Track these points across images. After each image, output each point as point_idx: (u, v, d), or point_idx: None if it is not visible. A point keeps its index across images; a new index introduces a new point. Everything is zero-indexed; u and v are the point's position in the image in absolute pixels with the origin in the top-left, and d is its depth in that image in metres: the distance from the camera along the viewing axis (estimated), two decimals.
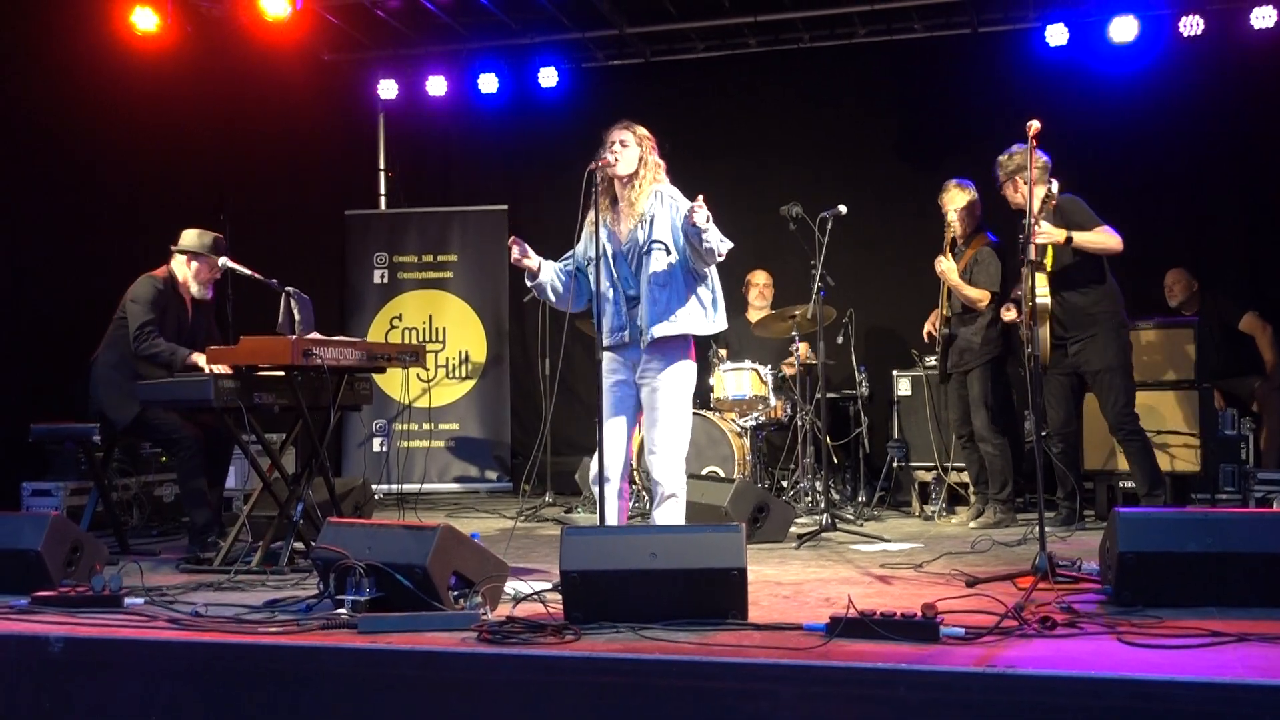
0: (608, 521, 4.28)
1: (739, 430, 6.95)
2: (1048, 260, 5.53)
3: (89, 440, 5.55)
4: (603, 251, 4.33)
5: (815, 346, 6.44)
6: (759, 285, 7.82)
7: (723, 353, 7.45)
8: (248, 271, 5.41)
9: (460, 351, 9.11)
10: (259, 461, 5.22)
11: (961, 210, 6.28)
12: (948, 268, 6.18)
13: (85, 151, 6.88)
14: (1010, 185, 5.81)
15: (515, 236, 4.43)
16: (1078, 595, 3.76)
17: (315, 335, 4.94)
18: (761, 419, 7.08)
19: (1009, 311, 5.88)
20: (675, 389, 4.37)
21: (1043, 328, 5.35)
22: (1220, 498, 6.38)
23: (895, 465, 7.18)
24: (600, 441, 4.27)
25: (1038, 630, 3.17)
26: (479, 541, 3.74)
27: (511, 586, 3.91)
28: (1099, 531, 4.95)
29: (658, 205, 4.38)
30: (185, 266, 5.55)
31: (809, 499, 6.78)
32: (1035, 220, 5.06)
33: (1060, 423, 5.95)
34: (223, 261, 5.48)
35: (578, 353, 8.01)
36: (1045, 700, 2.64)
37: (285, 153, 8.41)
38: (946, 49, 8.38)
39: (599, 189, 4.33)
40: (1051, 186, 5.21)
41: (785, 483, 7.26)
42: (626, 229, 4.41)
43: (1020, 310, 5.59)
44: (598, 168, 4.31)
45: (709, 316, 4.44)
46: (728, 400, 7.10)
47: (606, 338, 4.42)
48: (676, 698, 2.88)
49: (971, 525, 6.24)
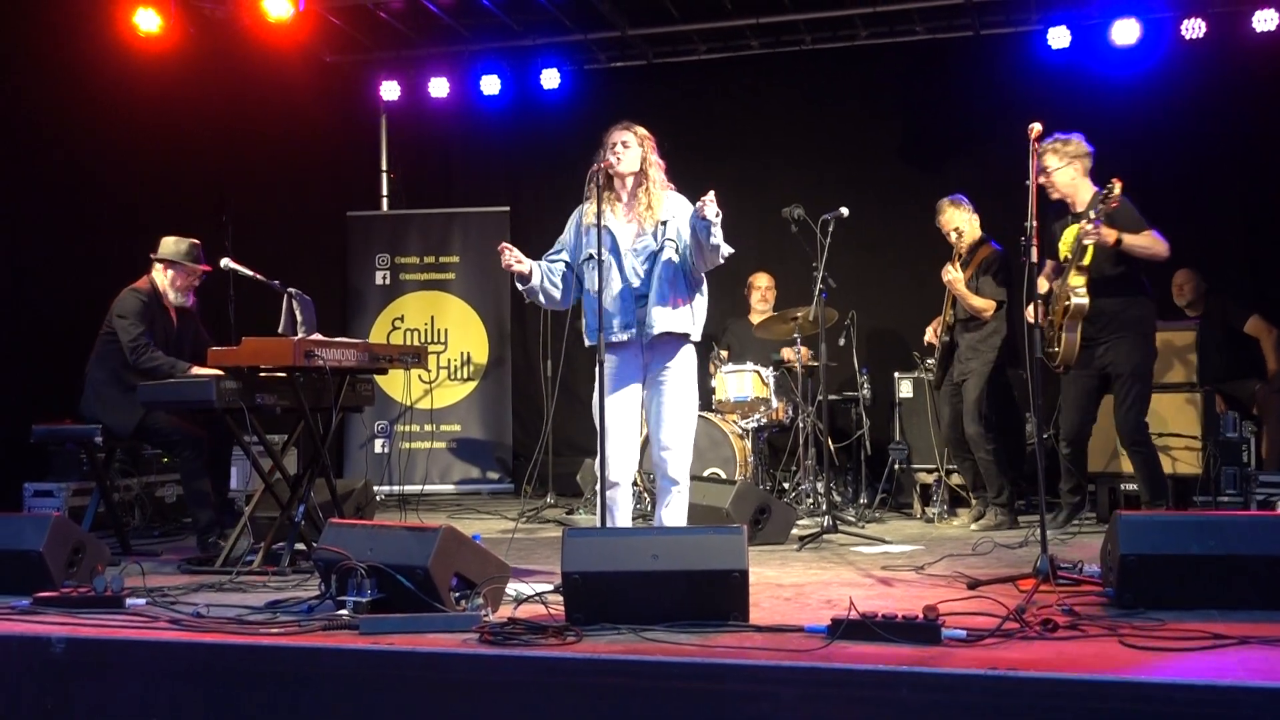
0: (618, 523, 4.29)
1: (740, 432, 6.94)
2: (1087, 259, 5.36)
3: (91, 441, 5.55)
4: (609, 250, 4.34)
5: (817, 348, 6.44)
6: (761, 287, 7.83)
7: (724, 354, 7.46)
8: (250, 273, 5.42)
9: (462, 353, 9.11)
10: (261, 463, 5.23)
11: (959, 227, 6.32)
12: (955, 277, 6.18)
13: (87, 152, 6.89)
14: (1065, 169, 5.51)
15: (505, 244, 4.42)
16: (1079, 598, 3.76)
17: (317, 336, 4.94)
18: (763, 421, 7.08)
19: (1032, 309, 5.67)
20: (685, 386, 4.43)
21: (1074, 331, 5.24)
22: (1222, 501, 6.35)
23: (897, 467, 7.18)
24: (603, 442, 4.27)
25: (1039, 633, 3.16)
26: (480, 543, 3.75)
27: (513, 588, 3.91)
28: (1100, 534, 4.95)
29: (675, 208, 4.44)
30: (163, 274, 5.57)
31: (810, 501, 6.78)
32: (1092, 218, 4.95)
33: (1075, 427, 5.76)
34: (224, 262, 5.49)
35: (579, 354, 7.96)
36: (1047, 703, 2.64)
37: (287, 154, 8.42)
38: (949, 51, 8.38)
39: (601, 189, 4.34)
40: (1115, 188, 5.01)
41: (787, 484, 7.26)
42: (640, 229, 4.42)
43: (1047, 310, 5.43)
44: (600, 169, 4.33)
45: (698, 324, 4.50)
46: (729, 402, 7.09)
47: (613, 334, 4.41)
48: (678, 699, 2.88)
49: (973, 527, 6.24)
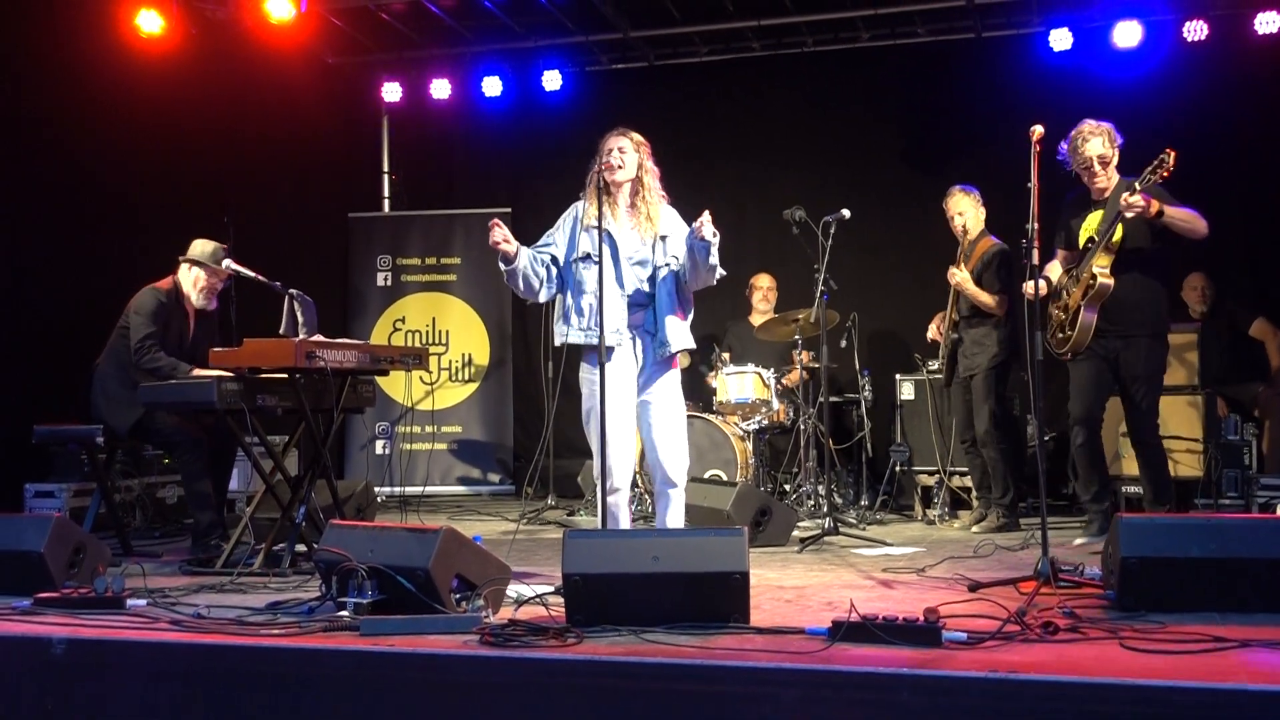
0: (620, 525, 4.30)
1: (741, 434, 6.94)
2: (1116, 237, 5.15)
3: (92, 442, 5.55)
4: (602, 254, 4.33)
5: (818, 350, 6.44)
6: (763, 288, 7.83)
7: (725, 356, 7.45)
8: (251, 274, 5.42)
9: (463, 354, 9.11)
10: (262, 464, 5.23)
11: (964, 212, 6.33)
12: (963, 278, 6.18)
13: (89, 153, 6.89)
14: (1114, 155, 5.30)
15: (497, 221, 4.35)
16: (1080, 600, 3.76)
17: (318, 338, 4.94)
18: (764, 422, 7.08)
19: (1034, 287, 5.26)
20: (677, 392, 4.52)
21: (1094, 313, 5.06)
22: (1223, 503, 6.35)
23: (898, 469, 7.18)
24: (603, 445, 4.27)
25: (1040, 635, 3.16)
26: (481, 544, 3.75)
27: (513, 589, 3.91)
28: (1101, 536, 4.95)
29: (673, 224, 4.46)
30: (188, 275, 5.56)
31: (811, 503, 6.78)
32: (1138, 188, 4.78)
33: (1089, 407, 5.36)
34: (226, 263, 5.49)
35: (580, 356, 7.99)
36: (1047, 705, 2.64)
37: (289, 155, 8.42)
38: (950, 54, 8.39)
39: (601, 193, 4.35)
40: (1169, 157, 4.75)
41: (788, 486, 7.26)
42: (638, 237, 4.43)
43: (1060, 296, 5.24)
44: (599, 173, 4.33)
45: (689, 335, 4.57)
46: (730, 403, 7.09)
47: (599, 337, 4.37)
48: (678, 701, 2.88)
49: (974, 529, 6.24)
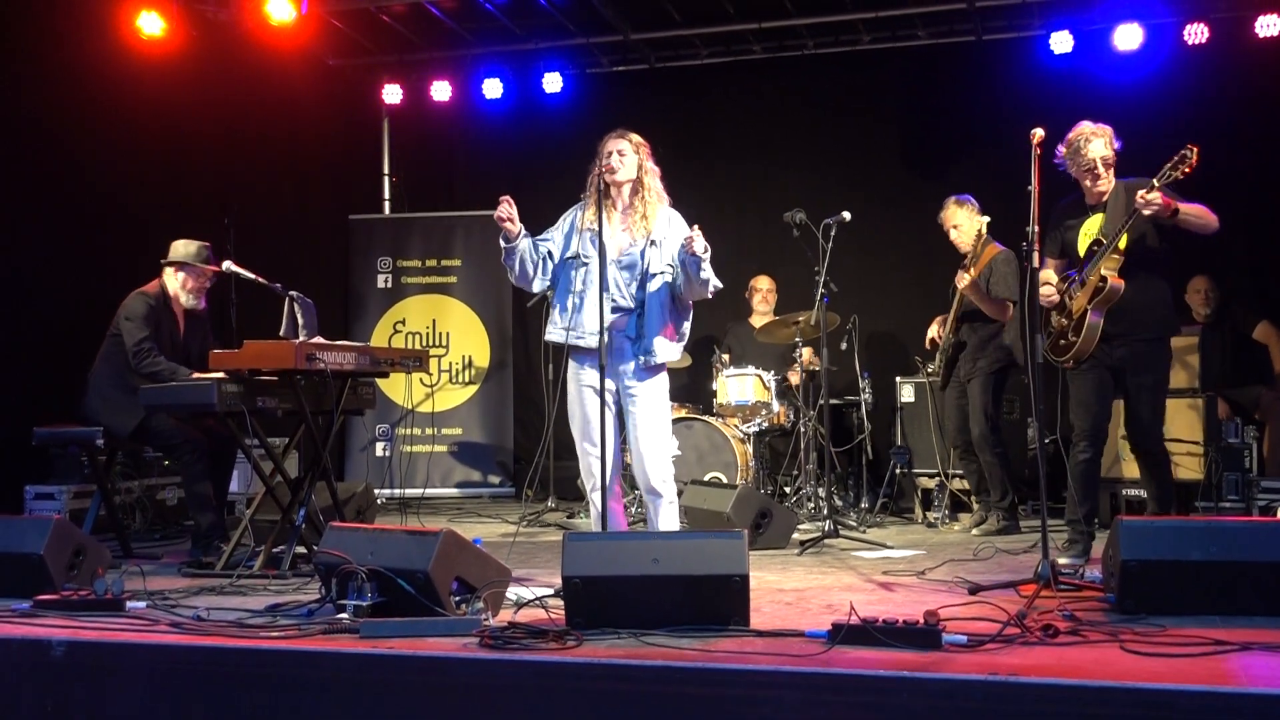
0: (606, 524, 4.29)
1: (742, 436, 6.94)
2: (1123, 242, 4.95)
3: (92, 444, 5.55)
4: (590, 255, 4.34)
5: (819, 352, 6.44)
6: (763, 290, 7.83)
7: (725, 358, 7.45)
8: (251, 275, 5.42)
9: (463, 356, 9.11)
10: (262, 466, 5.23)
11: (958, 224, 6.33)
12: (971, 282, 6.17)
13: (90, 155, 6.89)
14: (1098, 144, 5.14)
15: (507, 198, 4.32)
16: (1080, 603, 3.75)
17: (318, 340, 4.94)
18: (764, 424, 7.08)
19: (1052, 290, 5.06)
20: (660, 402, 4.45)
21: (1100, 317, 4.87)
22: (1223, 506, 6.35)
23: (898, 472, 7.17)
24: (602, 448, 4.26)
25: (1040, 638, 3.16)
26: (481, 547, 3.75)
27: (513, 592, 3.91)
28: (1101, 539, 4.94)
29: (668, 229, 4.43)
30: (174, 277, 5.57)
31: (811, 505, 6.77)
32: (1157, 185, 4.69)
33: (1095, 421, 5.04)
34: (226, 265, 5.50)
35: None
36: (1048, 709, 2.64)
37: (289, 157, 8.42)
38: (951, 56, 8.39)
39: (601, 195, 4.34)
40: (1192, 153, 4.57)
41: (788, 489, 7.26)
42: (629, 241, 4.41)
43: (1061, 304, 5.05)
44: (599, 175, 4.33)
45: (682, 346, 4.54)
46: (730, 405, 7.09)
47: (577, 337, 4.40)
48: (678, 704, 2.87)
49: (974, 532, 6.24)
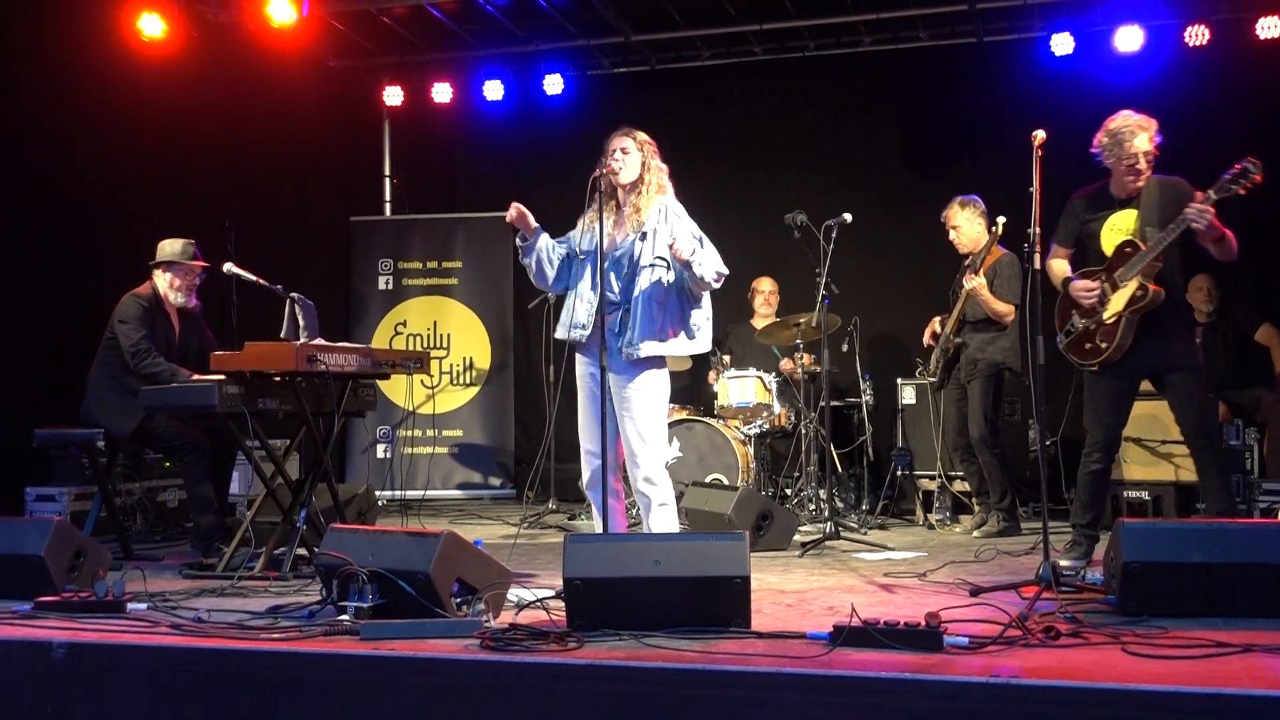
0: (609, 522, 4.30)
1: (743, 437, 6.94)
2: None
3: (93, 445, 5.55)
4: (593, 254, 4.34)
5: (820, 354, 6.43)
6: (764, 292, 7.83)
7: (726, 359, 7.45)
8: (252, 277, 5.42)
9: (464, 358, 9.11)
10: (262, 467, 5.23)
11: (958, 225, 6.33)
12: (979, 283, 6.17)
13: (90, 157, 6.89)
14: (1144, 138, 5.05)
15: (518, 205, 4.37)
16: (1082, 605, 3.75)
17: (319, 341, 4.94)
18: (765, 426, 7.07)
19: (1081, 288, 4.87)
20: (643, 396, 4.40)
21: (1135, 323, 4.70)
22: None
23: (899, 473, 7.17)
24: (603, 446, 4.27)
25: (1042, 640, 3.16)
26: (482, 548, 3.74)
27: (514, 593, 3.91)
28: (1104, 542, 4.93)
29: (660, 221, 4.40)
30: (163, 277, 5.59)
31: (813, 507, 6.77)
32: (1214, 199, 4.67)
33: (1111, 430, 4.86)
34: (227, 267, 5.51)
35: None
36: (1049, 711, 2.64)
37: (291, 159, 8.42)
38: (952, 58, 8.38)
39: (603, 194, 4.35)
40: (1257, 166, 4.51)
41: (789, 490, 7.25)
42: (622, 236, 4.41)
43: (1093, 311, 4.84)
44: (602, 175, 4.33)
45: (696, 341, 4.45)
46: (731, 407, 7.08)
47: (569, 332, 4.43)
48: (679, 706, 2.87)
49: (975, 534, 6.23)
